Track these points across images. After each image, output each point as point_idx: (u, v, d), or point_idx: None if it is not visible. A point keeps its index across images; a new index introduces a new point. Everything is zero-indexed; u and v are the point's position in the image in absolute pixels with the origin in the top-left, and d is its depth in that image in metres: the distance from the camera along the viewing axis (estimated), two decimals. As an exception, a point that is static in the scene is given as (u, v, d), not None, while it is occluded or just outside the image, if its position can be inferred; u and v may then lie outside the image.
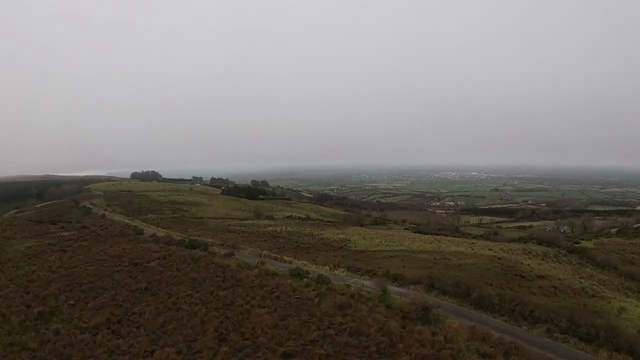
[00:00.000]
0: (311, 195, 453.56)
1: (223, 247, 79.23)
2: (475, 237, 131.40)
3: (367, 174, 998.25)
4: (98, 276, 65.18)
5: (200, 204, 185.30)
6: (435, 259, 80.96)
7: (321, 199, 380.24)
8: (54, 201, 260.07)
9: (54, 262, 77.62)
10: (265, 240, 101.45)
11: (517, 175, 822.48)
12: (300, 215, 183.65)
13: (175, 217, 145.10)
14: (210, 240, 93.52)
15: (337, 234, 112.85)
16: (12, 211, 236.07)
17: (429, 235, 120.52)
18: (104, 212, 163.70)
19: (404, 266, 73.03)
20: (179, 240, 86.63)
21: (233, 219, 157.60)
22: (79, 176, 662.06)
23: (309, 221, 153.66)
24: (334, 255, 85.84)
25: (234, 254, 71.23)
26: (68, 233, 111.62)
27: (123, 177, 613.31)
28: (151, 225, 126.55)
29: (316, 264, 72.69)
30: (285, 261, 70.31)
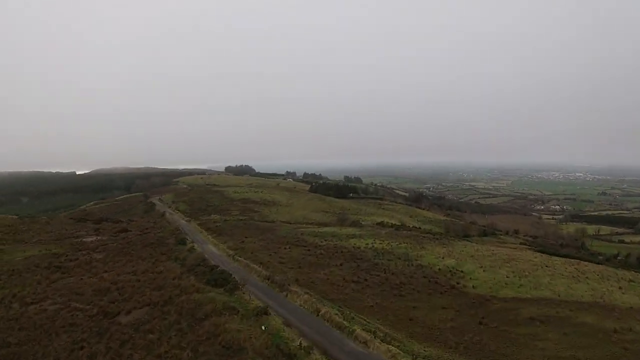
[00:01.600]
0: (406, 194, 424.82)
1: (266, 282, 49.04)
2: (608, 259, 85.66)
3: (464, 171, 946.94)
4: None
5: (276, 204, 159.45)
6: (615, 331, 42.23)
7: (417, 198, 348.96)
8: (131, 194, 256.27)
9: (19, 293, 53.03)
10: (340, 265, 68.46)
11: (626, 178, 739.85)
12: (393, 222, 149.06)
13: (241, 220, 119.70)
14: (258, 265, 63.59)
15: (443, 258, 76.09)
16: (91, 202, 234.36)
17: (562, 260, 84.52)
18: (165, 210, 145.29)
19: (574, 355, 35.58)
20: (204, 269, 57.51)
21: (311, 223, 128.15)
22: (178, 169, 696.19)
23: (404, 231, 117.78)
24: (443, 308, 49.93)
25: (267, 312, 39.61)
26: (93, 239, 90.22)
27: (219, 170, 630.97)
28: (204, 232, 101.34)
29: (412, 338, 37.95)
30: (358, 339, 36.13)
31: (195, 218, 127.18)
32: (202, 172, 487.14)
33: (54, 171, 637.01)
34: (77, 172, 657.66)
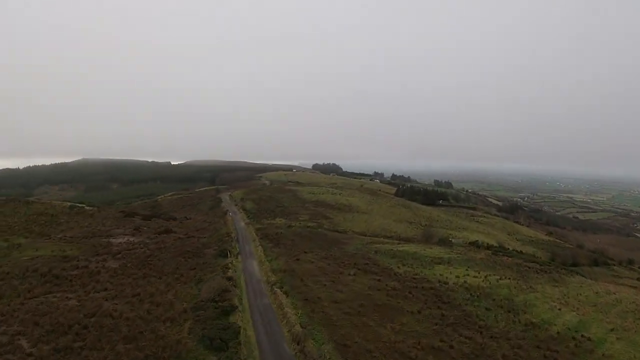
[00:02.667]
0: (500, 203, 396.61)
1: (294, 350, 30.58)
2: None
3: (561, 181, 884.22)
4: None
5: (353, 209, 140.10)
6: None
7: (512, 209, 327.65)
8: (210, 187, 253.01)
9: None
10: (418, 313, 46.84)
11: None
12: (489, 242, 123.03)
13: (307, 227, 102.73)
14: (297, 307, 44.74)
15: (559, 309, 51.12)
16: (169, 193, 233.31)
17: None
18: (229, 208, 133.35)
19: None
20: (214, 311, 40.38)
21: (389, 237, 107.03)
22: (268, 164, 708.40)
23: (504, 257, 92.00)
24: None
25: None
26: (124, 240, 78.34)
27: (307, 167, 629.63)
28: (258, 240, 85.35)
29: None
30: None
31: (257, 220, 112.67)
32: (288, 169, 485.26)
33: (150, 160, 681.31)
34: (172, 163, 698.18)
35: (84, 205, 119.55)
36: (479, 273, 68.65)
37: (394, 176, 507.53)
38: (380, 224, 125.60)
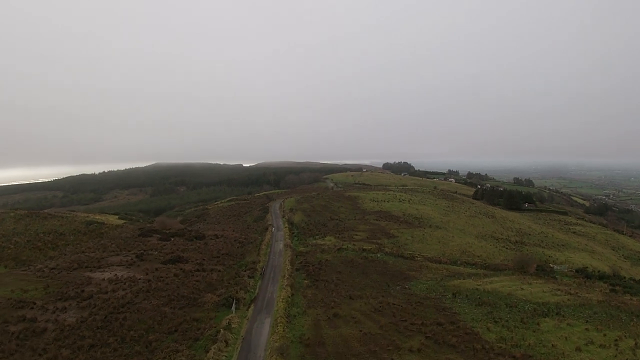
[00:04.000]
0: (585, 203, 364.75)
1: None
2: None
3: None
4: None
5: (424, 223, 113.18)
6: None
7: (601, 210, 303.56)
8: (272, 190, 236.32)
9: None
10: None
11: None
12: (600, 268, 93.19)
13: (363, 252, 79.22)
14: None
15: None
16: (225, 200, 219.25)
17: None
18: (274, 222, 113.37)
19: None
20: None
21: (473, 264, 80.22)
22: (338, 164, 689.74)
23: (627, 296, 62.97)
24: None
25: None
26: (110, 275, 60.05)
27: (378, 167, 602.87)
28: (290, 276, 63.76)
29: None
30: None
31: (301, 240, 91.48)
32: (358, 169, 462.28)
33: (222, 163, 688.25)
34: (244, 165, 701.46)
35: (102, 222, 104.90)
36: (604, 335, 42.92)
37: (469, 174, 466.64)
38: (460, 244, 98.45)
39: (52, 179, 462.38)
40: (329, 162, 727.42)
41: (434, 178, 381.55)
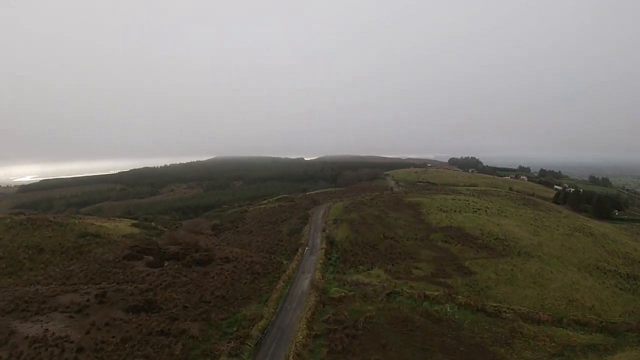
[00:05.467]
0: None
1: None
2: None
3: None
4: None
5: (511, 249, 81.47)
6: None
7: None
8: (316, 191, 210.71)
9: None
10: None
11: None
12: None
13: (424, 302, 51.96)
14: None
15: None
16: (273, 199, 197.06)
17: None
18: (310, 237, 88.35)
19: None
20: None
21: (584, 325, 50.42)
22: (401, 158, 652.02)
23: None
24: None
25: None
26: (43, 327, 37.94)
27: (443, 161, 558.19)
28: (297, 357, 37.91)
29: None
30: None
31: (337, 272, 65.63)
32: (422, 164, 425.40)
33: (283, 157, 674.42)
34: (305, 159, 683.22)
35: (98, 234, 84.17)
36: None
37: (542, 172, 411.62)
38: (562, 284, 67.00)
39: (117, 172, 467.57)
40: (390, 157, 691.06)
41: (504, 176, 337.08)
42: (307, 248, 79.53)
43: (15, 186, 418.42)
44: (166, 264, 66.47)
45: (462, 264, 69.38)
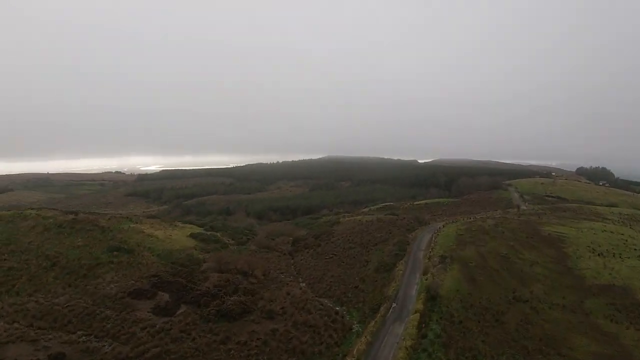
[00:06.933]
0: None
1: None
2: None
3: None
4: None
5: None
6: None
7: None
8: (424, 201, 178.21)
9: None
10: None
11: None
12: None
13: None
14: None
15: None
16: (375, 207, 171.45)
17: None
18: (400, 287, 61.54)
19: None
20: None
21: None
22: (522, 165, 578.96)
23: None
24: None
25: None
26: None
27: (569, 171, 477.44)
28: None
29: None
30: None
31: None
32: (546, 173, 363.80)
33: (396, 158, 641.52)
34: (418, 161, 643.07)
35: (131, 249, 66.60)
36: None
37: None
38: None
39: (231, 166, 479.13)
40: (510, 162, 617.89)
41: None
42: (394, 305, 53.24)
43: (136, 174, 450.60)
44: (181, 309, 45.92)
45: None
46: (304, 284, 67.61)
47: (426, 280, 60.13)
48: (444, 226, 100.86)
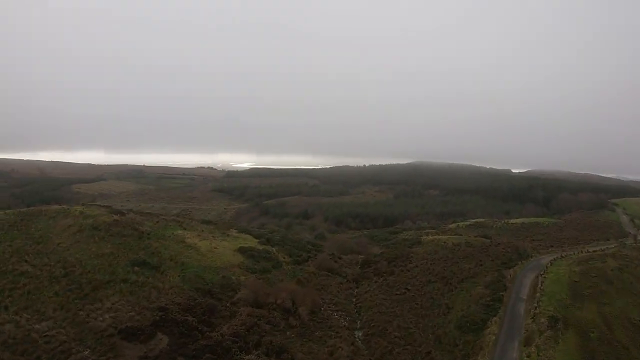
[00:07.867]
0: None
1: None
2: None
3: None
4: None
5: None
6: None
7: None
8: (515, 220, 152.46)
9: None
10: None
11: None
12: None
13: None
14: None
15: None
16: (465, 223, 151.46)
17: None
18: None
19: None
20: None
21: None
22: (622, 180, 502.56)
23: None
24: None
25: None
26: None
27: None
28: None
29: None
30: None
31: None
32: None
33: (488, 167, 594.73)
34: (512, 170, 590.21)
35: (157, 267, 57.31)
36: None
37: None
38: None
39: (318, 167, 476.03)
40: (608, 176, 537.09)
41: None
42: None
43: (225, 171, 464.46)
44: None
45: None
46: (360, 334, 54.55)
47: (528, 357, 43.57)
48: (550, 264, 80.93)
